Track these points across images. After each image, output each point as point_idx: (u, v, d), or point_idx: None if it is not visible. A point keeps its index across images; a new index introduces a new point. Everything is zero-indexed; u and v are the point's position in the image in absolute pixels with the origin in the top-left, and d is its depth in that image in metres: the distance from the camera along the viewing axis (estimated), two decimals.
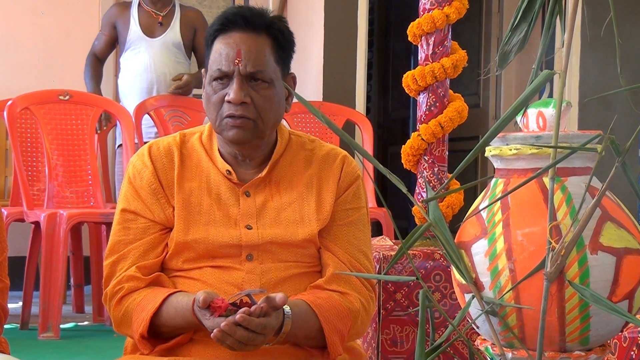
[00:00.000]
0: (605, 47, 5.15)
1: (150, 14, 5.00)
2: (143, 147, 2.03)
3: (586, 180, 1.53)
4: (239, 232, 1.94)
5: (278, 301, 1.76)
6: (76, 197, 4.53)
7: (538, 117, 1.64)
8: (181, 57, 5.01)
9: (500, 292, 1.53)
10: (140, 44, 4.96)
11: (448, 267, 2.88)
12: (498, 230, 1.55)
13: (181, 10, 5.05)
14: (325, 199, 2.00)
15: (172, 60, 4.97)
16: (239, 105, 1.90)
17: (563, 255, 1.45)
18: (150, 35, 4.98)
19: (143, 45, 4.95)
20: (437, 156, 3.16)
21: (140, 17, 5.00)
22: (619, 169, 1.37)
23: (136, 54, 4.96)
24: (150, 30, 4.99)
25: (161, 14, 5.00)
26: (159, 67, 4.94)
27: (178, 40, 5.00)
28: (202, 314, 1.79)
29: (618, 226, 1.54)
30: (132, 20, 4.99)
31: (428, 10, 3.12)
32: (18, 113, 4.50)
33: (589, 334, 1.54)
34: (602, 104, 5.38)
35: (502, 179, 1.62)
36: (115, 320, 1.94)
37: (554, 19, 1.43)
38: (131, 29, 4.98)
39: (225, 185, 1.98)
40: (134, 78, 4.95)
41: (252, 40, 1.92)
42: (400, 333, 2.92)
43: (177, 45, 4.99)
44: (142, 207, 1.96)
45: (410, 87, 3.16)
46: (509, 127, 1.46)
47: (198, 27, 5.05)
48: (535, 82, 1.36)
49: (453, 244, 1.53)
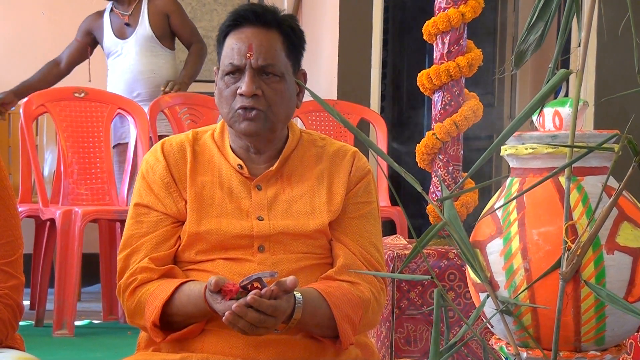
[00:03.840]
0: (622, 46, 5.13)
1: (119, 15, 4.99)
2: (156, 144, 2.06)
3: (603, 180, 1.52)
4: (251, 223, 1.96)
5: (289, 284, 1.78)
6: (91, 194, 4.54)
7: (554, 116, 1.64)
8: (158, 50, 4.97)
9: (515, 291, 1.52)
10: (116, 48, 4.97)
11: (462, 266, 2.87)
12: (513, 229, 1.54)
13: (149, 1, 4.99)
14: (336, 191, 2.01)
15: (149, 55, 4.95)
16: (250, 97, 1.93)
17: (579, 255, 1.44)
18: (122, 37, 4.97)
19: (119, 49, 4.96)
20: (452, 155, 3.15)
21: (112, 22, 5.00)
22: (636, 168, 1.36)
23: (114, 59, 4.99)
24: (121, 33, 4.98)
25: (127, 13, 4.96)
26: (136, 66, 4.93)
27: (149, 34, 4.95)
28: (213, 298, 1.81)
29: (635, 226, 1.54)
30: (106, 27, 5.00)
31: (444, 9, 3.12)
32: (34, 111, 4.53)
33: (604, 334, 1.54)
34: (619, 104, 5.36)
35: (518, 178, 1.61)
36: (129, 310, 1.96)
37: (570, 18, 1.43)
38: (106, 36, 4.99)
39: (237, 179, 2.00)
40: (116, 82, 4.96)
41: (264, 35, 1.96)
42: (414, 332, 2.92)
43: (150, 39, 4.95)
44: (154, 201, 1.99)
45: (425, 86, 3.16)
46: (524, 126, 1.46)
47: (170, 11, 4.99)
48: (551, 82, 1.35)
49: (468, 243, 1.52)
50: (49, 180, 5.05)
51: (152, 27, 4.97)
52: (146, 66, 4.95)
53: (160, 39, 4.99)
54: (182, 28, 5.06)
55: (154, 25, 4.98)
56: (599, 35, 5.21)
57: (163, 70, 5.01)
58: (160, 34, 4.99)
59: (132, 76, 4.93)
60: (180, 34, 5.06)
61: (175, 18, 5.02)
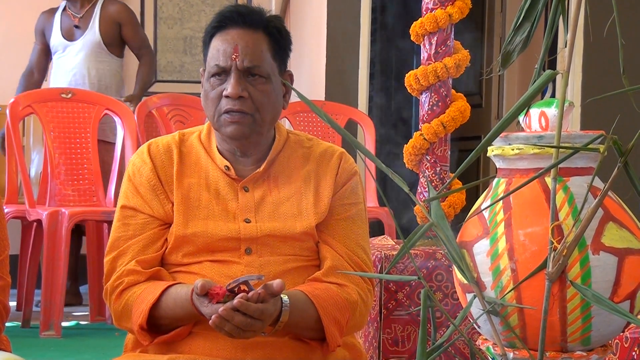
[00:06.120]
0: (608, 47, 5.15)
1: (70, 16, 4.97)
2: (143, 146, 2.06)
3: (588, 181, 1.53)
4: (238, 226, 1.96)
5: (275, 287, 1.78)
6: (78, 195, 4.53)
7: (540, 117, 1.64)
8: (104, 56, 4.97)
9: (502, 292, 1.53)
10: (62, 48, 4.96)
11: (450, 267, 2.88)
12: (500, 230, 1.55)
13: (102, 7, 4.98)
14: (323, 193, 2.01)
15: (94, 61, 4.93)
16: (236, 99, 1.93)
17: (565, 255, 1.45)
18: (70, 38, 4.96)
19: (65, 50, 4.95)
20: (439, 156, 3.15)
21: (62, 22, 4.98)
22: (621, 169, 1.37)
23: (58, 59, 4.97)
24: (70, 34, 4.97)
25: (79, 15, 4.95)
26: (79, 69, 4.91)
27: (98, 40, 4.94)
28: (200, 301, 1.80)
29: (620, 226, 1.54)
30: (55, 25, 4.98)
31: (431, 9, 3.12)
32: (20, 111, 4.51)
33: (590, 334, 1.54)
34: (605, 104, 5.37)
35: (504, 179, 1.62)
36: (116, 314, 1.95)
37: (556, 19, 1.43)
38: (53, 34, 4.98)
39: (224, 181, 2.00)
40: (58, 81, 4.94)
41: (249, 36, 1.95)
42: (402, 332, 2.92)
43: (97, 45, 4.94)
44: (141, 203, 1.98)
45: (412, 87, 3.16)
46: (511, 127, 1.46)
47: (122, 20, 4.99)
48: (537, 82, 1.35)
49: (455, 243, 1.52)
50: (35, 181, 5.03)
51: (101, 33, 4.96)
52: (89, 70, 4.93)
53: (108, 46, 4.98)
54: (133, 37, 5.05)
55: (103, 32, 4.96)
56: (586, 36, 5.23)
57: (107, 77, 4.99)
58: (108, 41, 4.98)
59: (74, 79, 4.91)
60: (131, 43, 5.06)
61: (127, 27, 5.01)
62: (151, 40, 5.97)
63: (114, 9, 5.00)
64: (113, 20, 4.98)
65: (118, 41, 5.03)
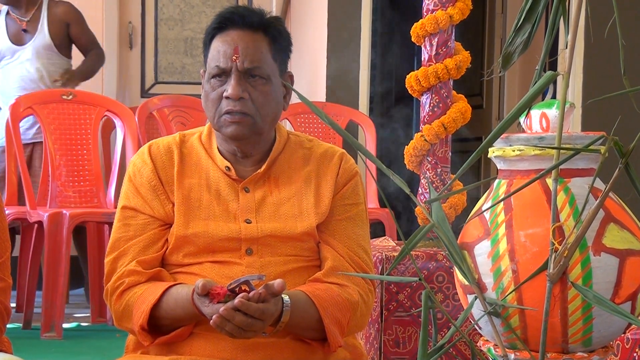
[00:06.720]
0: (609, 48, 5.15)
1: (16, 20, 4.92)
2: (143, 147, 2.06)
3: (589, 182, 1.53)
4: (239, 226, 1.96)
5: (276, 287, 1.78)
6: (79, 196, 4.53)
7: (541, 118, 1.64)
8: (55, 58, 4.93)
9: (503, 293, 1.53)
10: (10, 53, 4.91)
11: (451, 268, 2.88)
12: (501, 231, 1.55)
13: (49, 9, 4.94)
14: (323, 193, 2.02)
15: (45, 63, 4.90)
16: (237, 100, 1.93)
17: (566, 256, 1.44)
18: (18, 43, 4.91)
19: (14, 55, 4.90)
20: (440, 157, 3.15)
21: (8, 26, 4.93)
22: (622, 170, 1.37)
23: (7, 64, 4.91)
24: (18, 39, 4.92)
25: (25, 19, 4.90)
26: (31, 73, 4.87)
27: (48, 42, 4.91)
28: (201, 301, 1.81)
29: (621, 228, 1.54)
30: (0, 30, 4.92)
31: (432, 11, 3.12)
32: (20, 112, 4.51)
33: (591, 336, 1.54)
34: (606, 106, 5.37)
35: (505, 180, 1.62)
36: (116, 314, 1.95)
37: (557, 20, 1.43)
38: (0, 40, 4.92)
39: (225, 182, 2.00)
40: (7, 88, 4.87)
41: (250, 37, 1.96)
42: (403, 334, 2.92)
43: (48, 47, 4.91)
44: (141, 204, 1.99)
45: (413, 88, 3.16)
46: (512, 128, 1.46)
47: (70, 20, 4.96)
48: (538, 84, 1.35)
49: (456, 245, 1.52)
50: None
51: (51, 36, 4.92)
52: (40, 73, 4.90)
53: (58, 48, 4.95)
54: (82, 37, 5.03)
55: (53, 34, 4.93)
56: (586, 37, 5.23)
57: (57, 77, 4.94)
58: (58, 42, 4.95)
59: (25, 84, 4.86)
60: (80, 42, 5.03)
61: (76, 27, 4.98)
62: (152, 41, 5.98)
63: (61, 9, 4.97)
64: (61, 21, 4.95)
65: (67, 42, 5.01)
